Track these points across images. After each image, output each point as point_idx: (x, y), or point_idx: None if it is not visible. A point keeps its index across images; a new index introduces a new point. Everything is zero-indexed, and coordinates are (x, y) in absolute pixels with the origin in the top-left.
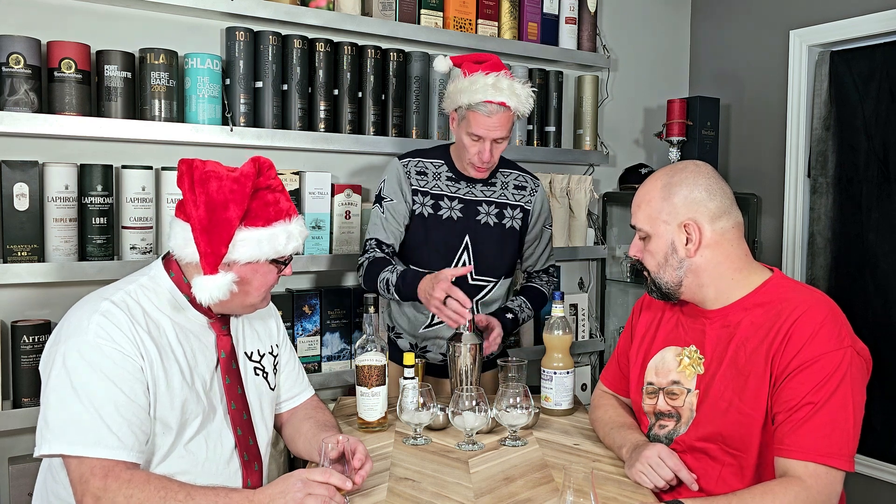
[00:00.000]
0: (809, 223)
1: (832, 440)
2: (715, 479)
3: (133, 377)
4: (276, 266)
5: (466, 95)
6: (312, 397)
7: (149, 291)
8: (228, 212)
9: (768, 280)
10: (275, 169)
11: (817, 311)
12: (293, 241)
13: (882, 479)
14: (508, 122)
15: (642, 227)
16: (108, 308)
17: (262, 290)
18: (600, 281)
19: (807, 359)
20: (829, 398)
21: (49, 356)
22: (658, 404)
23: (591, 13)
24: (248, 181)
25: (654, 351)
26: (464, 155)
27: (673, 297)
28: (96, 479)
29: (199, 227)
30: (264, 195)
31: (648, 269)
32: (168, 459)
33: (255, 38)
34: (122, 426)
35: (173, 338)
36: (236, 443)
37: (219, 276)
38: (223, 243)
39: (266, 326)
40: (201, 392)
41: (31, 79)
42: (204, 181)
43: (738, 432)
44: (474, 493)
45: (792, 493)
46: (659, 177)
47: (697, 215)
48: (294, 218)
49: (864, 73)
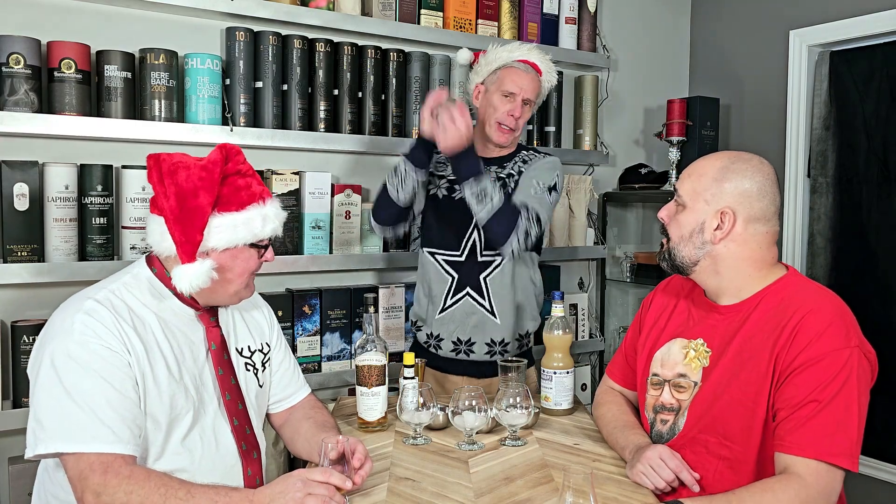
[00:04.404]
0: (809, 223)
1: (835, 439)
2: (712, 472)
3: (122, 372)
4: (256, 250)
5: (504, 55)
6: (309, 396)
7: (132, 288)
8: (199, 199)
9: (782, 277)
10: (243, 155)
11: (826, 310)
12: (270, 224)
13: (882, 479)
14: (538, 87)
15: (683, 196)
16: (92, 306)
17: (244, 276)
18: (600, 281)
19: (812, 356)
20: (833, 397)
21: (36, 358)
22: (662, 396)
23: (591, 13)
24: (216, 168)
25: (662, 342)
26: (491, 119)
27: (684, 271)
28: (95, 476)
29: (171, 217)
30: (234, 180)
31: (670, 236)
32: (164, 457)
33: (255, 38)
34: (115, 420)
35: (159, 333)
36: (233, 433)
37: (197, 263)
38: (197, 230)
39: (256, 322)
40: (190, 387)
41: (31, 79)
42: (172, 172)
43: (738, 426)
44: (474, 493)
45: (792, 491)
46: (721, 157)
47: (739, 208)
48: (268, 200)
49: (864, 73)
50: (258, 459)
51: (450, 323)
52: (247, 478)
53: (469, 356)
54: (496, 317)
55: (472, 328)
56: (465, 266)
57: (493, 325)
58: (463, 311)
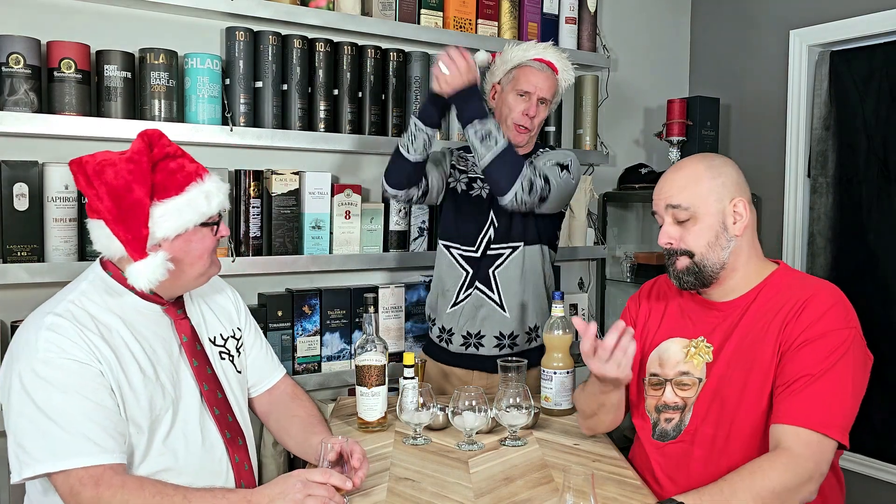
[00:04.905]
0: (809, 223)
1: (827, 410)
2: (720, 466)
3: (94, 382)
4: (209, 228)
5: (519, 54)
6: (286, 380)
7: (92, 295)
8: (134, 193)
9: (776, 270)
10: (167, 137)
11: (829, 293)
12: (215, 199)
13: (882, 479)
14: (554, 86)
15: (689, 207)
16: (53, 321)
17: (204, 256)
18: (600, 281)
19: (812, 335)
20: (828, 370)
21: (5, 381)
22: (665, 396)
23: (591, 13)
24: (142, 157)
25: (656, 342)
26: (507, 119)
27: (712, 279)
28: (87, 490)
29: (110, 217)
30: (166, 165)
31: (693, 251)
32: (148, 459)
33: (254, 38)
34: (97, 431)
35: (127, 336)
36: (216, 422)
37: (149, 258)
38: (141, 225)
39: (222, 308)
40: (167, 384)
41: (30, 79)
42: (99, 172)
43: (746, 416)
44: (474, 494)
45: (780, 466)
46: (696, 161)
47: (741, 195)
48: (206, 176)
49: (864, 73)
50: (244, 446)
51: (460, 317)
52: (235, 465)
53: (479, 350)
54: (505, 310)
55: (481, 321)
56: (480, 262)
57: (501, 318)
58: (472, 304)
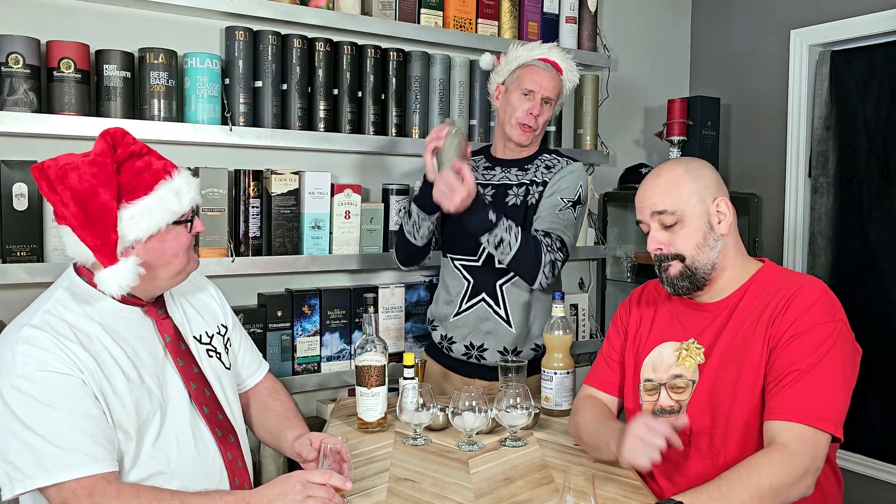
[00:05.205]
0: (810, 223)
1: (818, 404)
2: (722, 467)
3: (77, 392)
4: (184, 225)
5: (523, 54)
6: (268, 377)
7: (68, 303)
8: (100, 197)
9: (762, 268)
10: (131, 135)
11: (814, 288)
12: (186, 196)
13: (882, 479)
14: (558, 86)
15: (675, 211)
16: (30, 334)
17: (180, 254)
18: (600, 281)
19: (799, 329)
20: (816, 364)
21: None
22: (660, 400)
23: (592, 13)
24: (106, 159)
25: (649, 347)
26: (511, 118)
27: (705, 280)
28: (81, 501)
29: (77, 223)
30: (132, 164)
31: (684, 254)
32: (138, 464)
33: (254, 37)
34: (85, 441)
35: (108, 342)
36: (206, 422)
37: (119, 263)
38: (109, 230)
39: (205, 305)
40: (154, 387)
41: (30, 78)
42: (62, 177)
43: (740, 413)
44: (474, 494)
45: (776, 462)
46: (673, 165)
47: (722, 194)
48: (175, 173)
49: (865, 73)
50: (237, 443)
51: (463, 327)
52: (228, 463)
53: (480, 361)
54: (511, 325)
55: (485, 334)
56: (480, 270)
57: (506, 332)
58: (477, 316)
